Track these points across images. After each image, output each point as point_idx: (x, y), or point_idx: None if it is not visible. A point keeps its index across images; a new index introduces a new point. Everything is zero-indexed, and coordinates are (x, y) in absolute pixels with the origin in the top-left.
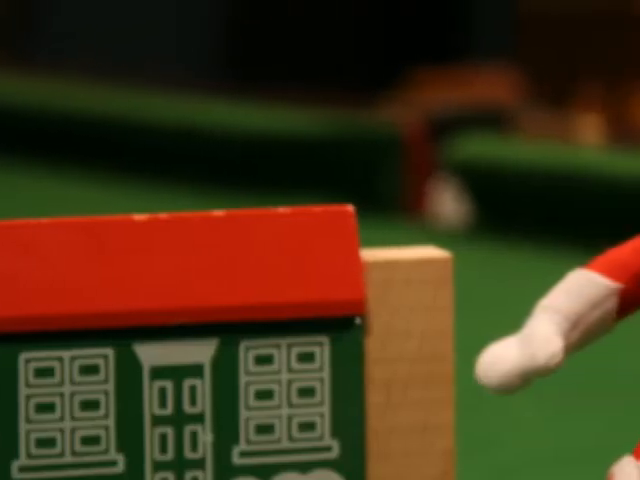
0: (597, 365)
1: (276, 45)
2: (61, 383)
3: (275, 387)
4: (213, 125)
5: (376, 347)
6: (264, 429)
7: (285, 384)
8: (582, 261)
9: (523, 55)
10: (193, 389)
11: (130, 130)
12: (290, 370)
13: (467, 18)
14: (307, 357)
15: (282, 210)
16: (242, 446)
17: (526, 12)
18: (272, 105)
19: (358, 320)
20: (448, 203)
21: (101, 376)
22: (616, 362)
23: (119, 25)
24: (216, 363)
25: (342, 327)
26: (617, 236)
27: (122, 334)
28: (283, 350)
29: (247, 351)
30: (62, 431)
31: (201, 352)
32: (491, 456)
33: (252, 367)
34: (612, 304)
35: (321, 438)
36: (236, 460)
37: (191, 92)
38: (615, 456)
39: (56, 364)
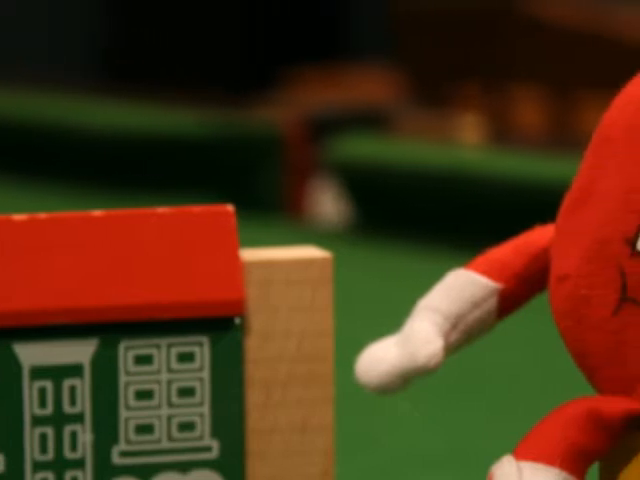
0: (476, 365)
1: (155, 44)
2: None
3: (155, 387)
4: (90, 125)
5: (256, 347)
6: (144, 429)
7: (165, 384)
8: (462, 261)
9: (402, 54)
10: (73, 389)
11: (7, 130)
12: (170, 370)
13: (346, 17)
14: (187, 357)
15: (161, 210)
16: (122, 446)
17: (404, 11)
18: (151, 105)
19: (238, 320)
20: (328, 203)
21: None
22: (494, 361)
23: None
24: (96, 363)
25: (222, 327)
26: (497, 236)
27: (2, 334)
28: (163, 350)
29: (127, 351)
30: None
31: (81, 352)
32: (371, 456)
33: (132, 367)
34: (492, 304)
35: (201, 438)
36: (116, 460)
37: (69, 91)
38: (495, 455)
39: None
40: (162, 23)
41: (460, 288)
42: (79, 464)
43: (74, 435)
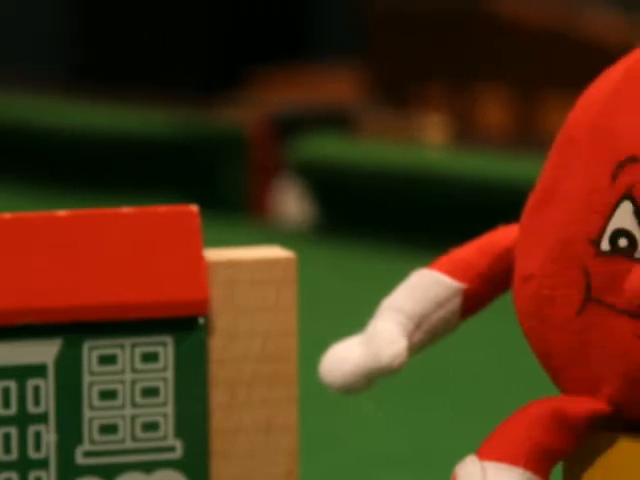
0: (440, 365)
1: (120, 44)
2: None
3: (119, 387)
4: (56, 125)
5: (220, 347)
6: (108, 429)
7: (129, 384)
8: (426, 261)
9: (367, 54)
10: (37, 389)
11: None
12: (134, 370)
13: (311, 17)
14: (151, 357)
15: (126, 210)
16: (86, 446)
17: (369, 11)
18: (116, 105)
19: (202, 320)
20: (292, 203)
21: None
22: (458, 361)
23: None
24: (60, 363)
25: (186, 327)
26: (461, 236)
27: None
28: (127, 350)
29: (91, 351)
30: None
31: (45, 352)
32: (335, 455)
33: (96, 367)
34: (456, 304)
35: (165, 438)
36: (80, 460)
37: (34, 91)
38: (459, 455)
39: None
40: (127, 23)
41: (424, 288)
42: (43, 464)
43: (38, 435)
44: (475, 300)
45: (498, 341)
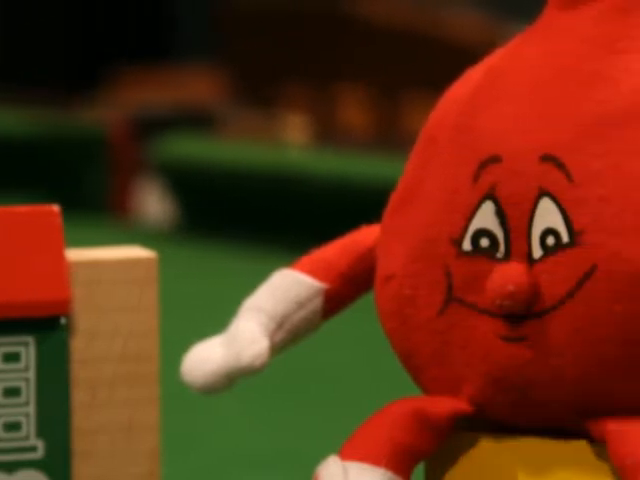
0: (302, 365)
1: None
2: None
3: None
4: None
5: (81, 347)
6: None
7: None
8: (288, 261)
9: (228, 54)
10: None
11: None
12: None
13: (172, 16)
14: (12, 357)
15: None
16: None
17: (230, 11)
18: None
19: (63, 320)
20: (154, 203)
21: None
22: (320, 361)
23: None
24: None
25: (47, 327)
26: (323, 235)
27: None
28: None
29: None
30: None
31: None
32: (197, 455)
33: None
34: (318, 304)
35: (26, 438)
36: None
37: None
38: (322, 455)
39: None
40: None
41: (285, 288)
42: None
43: None
44: (337, 300)
45: (360, 341)
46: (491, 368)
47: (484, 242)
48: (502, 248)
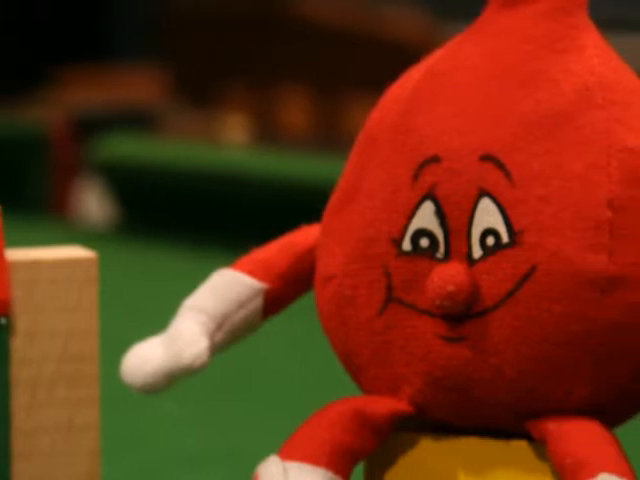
0: (242, 364)
1: None
2: None
3: None
4: None
5: (21, 347)
6: None
7: None
8: (228, 261)
9: (169, 55)
10: None
11: None
12: None
13: (111, 17)
14: None
15: None
16: None
17: (170, 11)
18: None
19: (3, 320)
20: (93, 203)
21: None
22: (260, 360)
23: None
24: None
25: None
26: (263, 235)
27: None
28: None
29: None
30: None
31: None
32: (137, 455)
33: None
34: (257, 304)
35: None
36: None
37: None
38: (262, 455)
39: None
40: None
41: (225, 288)
42: None
43: None
44: (276, 300)
45: (300, 340)
46: (431, 368)
47: (424, 242)
48: (442, 248)
